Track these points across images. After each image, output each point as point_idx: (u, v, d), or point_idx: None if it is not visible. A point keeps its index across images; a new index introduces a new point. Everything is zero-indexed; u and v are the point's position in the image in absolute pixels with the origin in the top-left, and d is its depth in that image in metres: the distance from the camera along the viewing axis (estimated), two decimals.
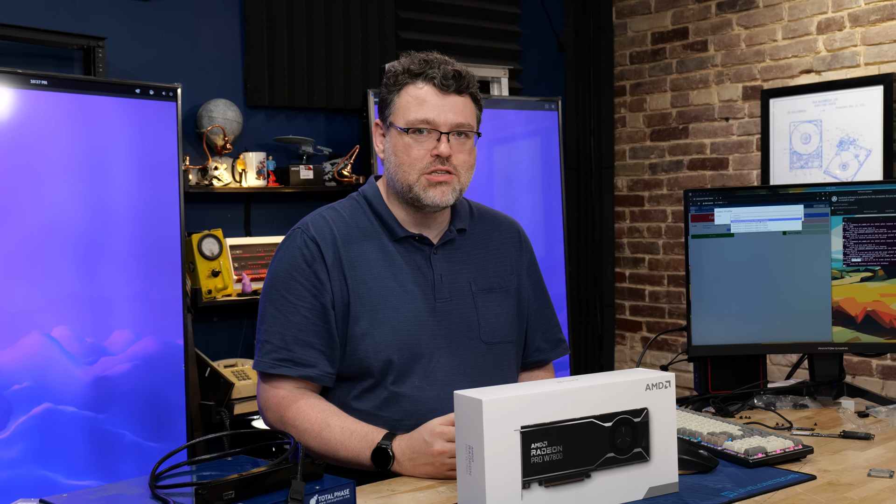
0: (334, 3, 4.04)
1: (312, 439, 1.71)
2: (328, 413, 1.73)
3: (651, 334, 4.83)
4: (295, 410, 1.74)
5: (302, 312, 1.76)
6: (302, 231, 1.81)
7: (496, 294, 1.89)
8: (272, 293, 1.79)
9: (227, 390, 3.38)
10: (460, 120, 1.77)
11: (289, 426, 1.74)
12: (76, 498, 1.39)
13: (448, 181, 1.77)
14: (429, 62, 1.77)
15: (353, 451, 1.67)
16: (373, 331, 1.76)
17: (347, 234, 1.80)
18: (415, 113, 1.75)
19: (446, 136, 1.76)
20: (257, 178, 3.71)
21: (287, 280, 1.78)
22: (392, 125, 1.79)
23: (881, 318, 2.22)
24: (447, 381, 1.77)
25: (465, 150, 1.79)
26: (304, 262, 1.77)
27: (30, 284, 2.73)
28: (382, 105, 1.83)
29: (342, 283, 1.77)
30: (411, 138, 1.76)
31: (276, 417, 1.77)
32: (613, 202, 5.02)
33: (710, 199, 2.27)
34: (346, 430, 1.69)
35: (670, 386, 1.50)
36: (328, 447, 1.70)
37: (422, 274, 1.82)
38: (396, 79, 1.79)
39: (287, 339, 1.75)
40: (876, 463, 1.71)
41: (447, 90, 1.76)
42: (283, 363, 1.75)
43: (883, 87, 3.86)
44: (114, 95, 2.94)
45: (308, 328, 1.75)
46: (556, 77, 4.99)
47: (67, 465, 2.76)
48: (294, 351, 1.75)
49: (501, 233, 1.96)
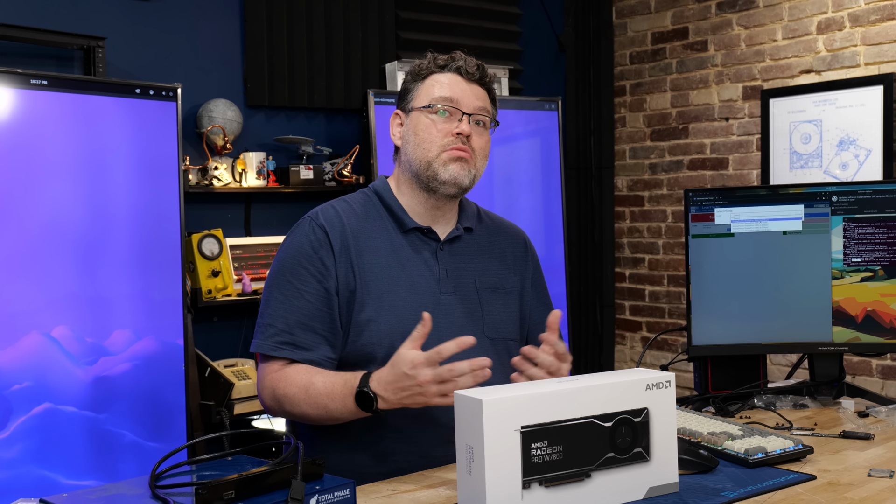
0: (334, 3, 4.04)
1: (303, 402, 1.71)
2: (311, 372, 1.73)
3: (651, 334, 4.83)
4: (283, 379, 1.74)
5: (306, 297, 1.76)
6: (311, 219, 1.83)
7: (500, 293, 1.91)
8: (278, 278, 1.80)
9: (227, 390, 3.38)
10: (481, 104, 1.84)
11: (280, 398, 1.74)
12: (76, 498, 1.39)
13: (467, 159, 1.81)
14: (453, 57, 1.87)
15: (340, 401, 1.67)
16: (378, 318, 1.77)
17: (357, 223, 1.83)
18: (439, 92, 1.82)
19: (468, 118, 1.81)
20: (257, 178, 3.71)
21: (293, 266, 1.79)
22: (414, 108, 1.84)
23: (881, 318, 2.22)
24: None
25: (483, 137, 1.85)
26: (311, 248, 1.79)
27: (30, 284, 2.73)
28: (403, 94, 1.89)
29: (349, 270, 1.78)
30: (435, 116, 1.81)
31: (270, 395, 1.77)
32: (613, 202, 5.02)
33: (711, 198, 2.27)
34: (329, 382, 1.69)
35: (670, 386, 1.50)
36: (319, 405, 1.69)
37: (428, 267, 1.84)
38: (421, 69, 1.87)
39: (290, 322, 1.76)
40: (876, 463, 1.71)
41: (471, 78, 1.85)
42: (284, 346, 1.76)
43: (883, 87, 3.86)
44: (114, 95, 2.94)
45: (312, 313, 1.76)
46: (556, 77, 4.99)
47: (67, 465, 2.77)
48: (296, 335, 1.75)
49: (507, 238, 1.99)
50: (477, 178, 1.85)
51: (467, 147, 1.81)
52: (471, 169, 1.82)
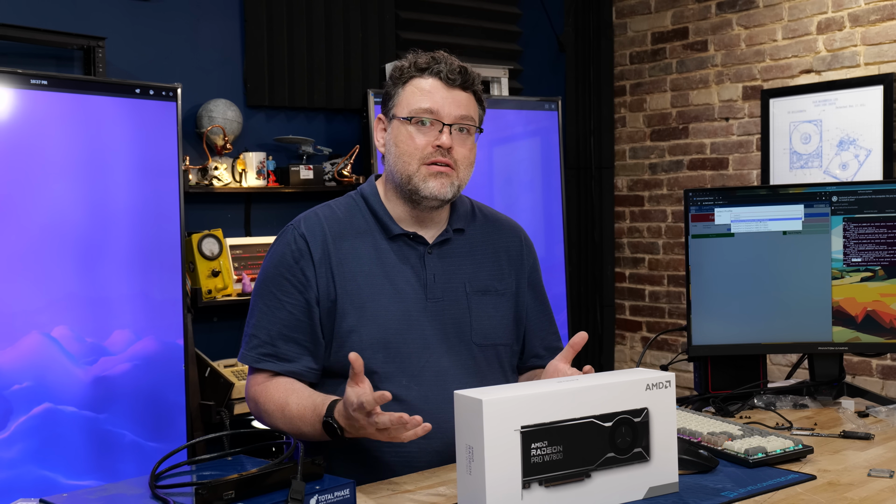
0: (334, 3, 4.04)
1: (280, 421, 1.72)
2: (288, 392, 1.72)
3: (651, 334, 4.83)
4: (263, 394, 1.75)
5: (288, 309, 1.77)
6: (293, 228, 1.82)
7: (491, 296, 1.87)
8: (261, 288, 1.81)
9: (227, 390, 3.38)
10: (463, 113, 1.78)
11: (262, 412, 1.76)
12: (76, 498, 1.39)
13: (447, 173, 1.77)
14: (435, 58, 1.80)
15: (310, 426, 1.66)
16: (360, 328, 1.75)
17: (339, 230, 1.81)
18: (419, 102, 1.77)
19: (449, 129, 1.77)
20: (257, 178, 3.71)
21: (275, 276, 1.79)
22: (395, 116, 1.80)
23: (881, 318, 2.22)
24: (435, 382, 1.77)
25: (465, 145, 1.80)
26: (291, 258, 1.78)
27: (30, 284, 2.73)
28: (386, 99, 1.84)
29: (329, 280, 1.77)
30: (414, 128, 1.77)
31: (254, 407, 1.80)
32: (613, 202, 5.02)
33: (711, 198, 2.27)
34: (301, 406, 1.69)
35: (670, 386, 1.50)
36: (293, 427, 1.70)
37: (415, 273, 1.81)
38: (402, 73, 1.81)
39: (272, 334, 1.77)
40: (876, 463, 1.71)
41: (452, 84, 1.78)
42: (267, 358, 1.77)
43: (883, 87, 3.86)
44: (114, 95, 2.94)
45: (293, 324, 1.76)
46: (556, 77, 4.99)
47: (67, 465, 2.76)
48: (278, 346, 1.76)
49: (502, 235, 1.95)
50: (461, 187, 1.81)
51: (448, 159, 1.76)
52: (453, 181, 1.78)
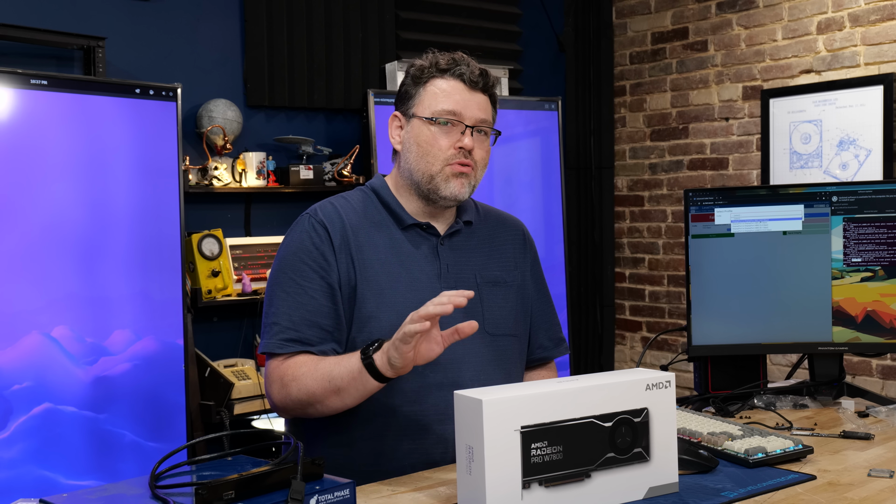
0: (334, 3, 4.04)
1: (310, 377, 1.69)
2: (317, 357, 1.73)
3: (651, 334, 4.83)
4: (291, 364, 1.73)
5: (310, 293, 1.76)
6: (310, 216, 1.82)
7: (500, 288, 1.90)
8: (280, 276, 1.80)
9: (227, 390, 3.38)
10: (484, 116, 1.82)
11: (288, 382, 1.72)
12: (76, 498, 1.39)
13: (468, 174, 1.81)
14: (455, 59, 1.83)
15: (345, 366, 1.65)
16: (378, 314, 1.76)
17: (356, 220, 1.82)
18: (442, 104, 1.79)
19: (470, 130, 1.80)
20: (257, 178, 3.71)
21: (295, 263, 1.78)
22: (415, 116, 1.82)
23: (881, 318, 2.22)
24: (450, 369, 1.77)
25: (484, 147, 1.84)
26: (311, 244, 1.78)
27: (30, 284, 2.73)
28: (404, 97, 1.85)
29: (349, 265, 1.78)
30: (437, 129, 1.79)
31: (278, 385, 1.75)
32: (613, 202, 5.02)
33: (711, 199, 2.27)
34: (338, 357, 1.70)
35: (670, 386, 1.50)
36: (324, 377, 1.68)
37: (428, 262, 1.83)
38: (423, 72, 1.83)
39: (295, 319, 1.75)
40: (876, 463, 1.71)
41: (474, 87, 1.82)
42: (290, 343, 1.75)
43: (883, 87, 3.86)
44: (114, 95, 2.94)
45: (316, 309, 1.75)
46: (556, 77, 4.99)
47: (67, 465, 2.77)
48: (302, 331, 1.75)
49: (506, 230, 1.98)
50: (475, 186, 1.85)
51: (469, 161, 1.80)
52: (471, 181, 1.82)
